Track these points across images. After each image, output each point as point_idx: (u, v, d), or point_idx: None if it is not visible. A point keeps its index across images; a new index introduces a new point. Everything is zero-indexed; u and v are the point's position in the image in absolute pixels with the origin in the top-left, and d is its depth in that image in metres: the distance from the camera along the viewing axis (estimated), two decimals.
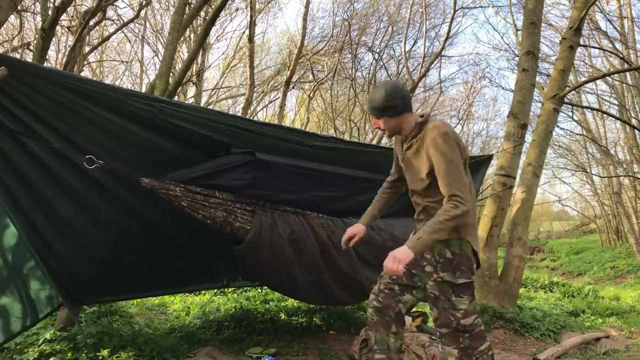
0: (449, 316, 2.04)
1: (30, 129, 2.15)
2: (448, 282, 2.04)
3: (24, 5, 6.94)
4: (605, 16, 11.53)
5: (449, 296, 2.04)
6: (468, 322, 2.03)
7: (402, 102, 2.11)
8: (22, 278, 2.51)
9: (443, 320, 2.06)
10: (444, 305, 2.05)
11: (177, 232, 2.79)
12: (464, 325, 2.02)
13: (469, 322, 2.03)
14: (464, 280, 2.03)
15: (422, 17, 12.42)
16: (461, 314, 2.02)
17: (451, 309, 2.03)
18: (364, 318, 4.54)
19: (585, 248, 19.23)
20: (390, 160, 3.40)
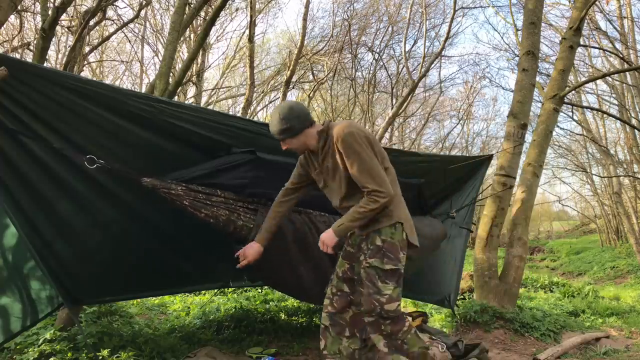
0: (373, 301, 2.09)
1: (30, 129, 2.15)
2: (375, 267, 2.11)
3: (24, 5, 6.94)
4: (605, 16, 11.54)
5: (375, 281, 2.10)
6: (391, 307, 2.09)
7: (298, 121, 2.17)
8: (23, 278, 2.51)
9: (367, 306, 2.12)
10: (369, 290, 2.11)
11: (177, 232, 2.79)
12: (387, 310, 2.08)
13: (392, 307, 2.09)
14: (390, 267, 2.10)
15: (422, 17, 12.42)
16: (385, 299, 2.08)
17: (376, 294, 2.09)
18: None
19: (585, 248, 19.22)
20: (390, 159, 3.41)
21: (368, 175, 2.05)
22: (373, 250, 2.14)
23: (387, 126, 11.14)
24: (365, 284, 2.13)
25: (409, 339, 2.11)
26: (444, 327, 4.50)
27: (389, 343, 2.11)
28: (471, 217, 4.16)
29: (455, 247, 4.14)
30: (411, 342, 2.12)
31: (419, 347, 2.12)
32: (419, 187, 3.50)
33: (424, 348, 2.14)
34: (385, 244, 2.13)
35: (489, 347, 3.56)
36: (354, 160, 2.06)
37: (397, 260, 2.13)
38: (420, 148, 18.91)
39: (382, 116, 17.74)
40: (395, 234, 2.14)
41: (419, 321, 3.56)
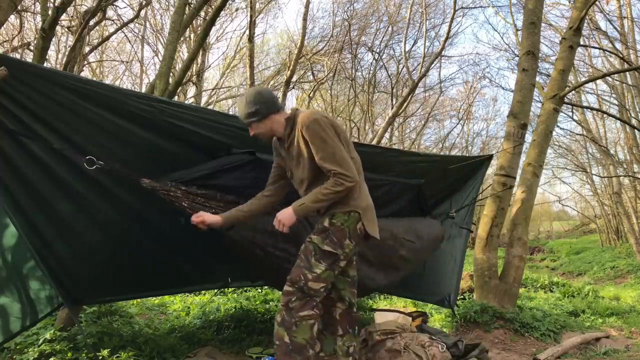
0: (300, 274, 2.10)
1: (30, 129, 2.15)
2: (314, 244, 2.13)
3: (24, 5, 6.93)
4: (605, 16, 11.54)
5: (309, 257, 2.12)
6: (315, 286, 2.09)
7: (264, 106, 2.18)
8: (22, 278, 2.51)
9: (293, 276, 2.12)
10: (301, 263, 2.13)
11: (177, 232, 2.79)
12: (310, 287, 2.08)
13: (315, 287, 2.09)
14: (328, 249, 2.11)
15: (422, 17, 12.42)
16: (312, 277, 2.09)
17: (306, 268, 2.10)
18: (364, 318, 4.54)
19: (585, 248, 19.22)
20: (389, 159, 3.42)
21: (334, 160, 2.07)
22: (319, 229, 2.16)
23: (387, 126, 11.14)
24: (300, 256, 2.15)
25: (302, 326, 2.05)
26: (444, 327, 4.50)
27: (285, 316, 2.08)
28: (471, 217, 4.16)
29: (455, 247, 4.14)
30: (301, 329, 2.05)
31: (303, 339, 2.04)
32: (418, 187, 3.50)
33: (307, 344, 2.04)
34: (333, 227, 2.14)
35: (489, 347, 3.55)
36: (319, 146, 2.08)
37: (339, 245, 2.12)
38: (420, 148, 18.91)
39: (382, 116, 17.74)
40: (347, 221, 2.14)
41: (419, 321, 3.56)
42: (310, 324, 2.07)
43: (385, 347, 2.97)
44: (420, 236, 3.35)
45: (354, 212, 2.16)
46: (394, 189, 3.41)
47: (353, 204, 2.16)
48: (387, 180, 3.34)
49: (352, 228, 2.16)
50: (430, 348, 2.90)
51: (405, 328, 3.17)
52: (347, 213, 2.15)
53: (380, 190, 3.35)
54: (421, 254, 3.43)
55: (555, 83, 5.53)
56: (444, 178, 3.76)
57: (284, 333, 2.06)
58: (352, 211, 2.15)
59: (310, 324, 2.07)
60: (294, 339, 2.04)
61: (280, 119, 2.22)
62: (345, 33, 12.81)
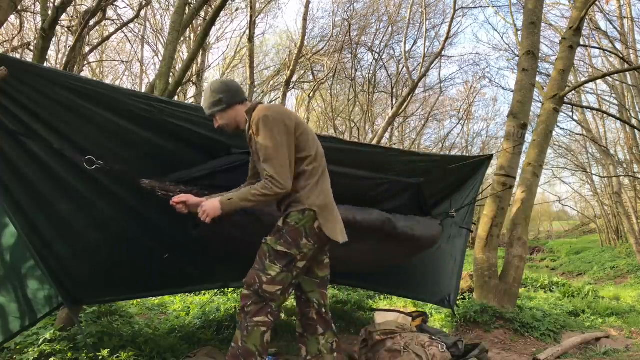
0: (255, 277, 2.06)
1: (30, 129, 2.15)
2: (268, 245, 2.09)
3: (24, 5, 6.94)
4: (605, 16, 11.54)
5: (264, 258, 2.08)
6: (270, 289, 2.04)
7: (228, 95, 2.15)
8: (21, 278, 2.51)
9: (248, 279, 2.08)
10: (256, 265, 2.09)
11: (177, 232, 2.79)
12: (264, 290, 2.03)
13: (271, 290, 2.04)
14: (282, 249, 2.06)
15: (422, 17, 12.42)
16: (267, 279, 2.04)
17: (260, 271, 2.06)
18: (363, 318, 4.55)
19: (585, 248, 19.22)
20: (389, 159, 3.42)
21: (269, 162, 2.02)
22: (275, 230, 2.12)
23: (387, 126, 11.14)
24: (256, 259, 2.11)
25: (253, 332, 2.01)
26: (444, 327, 4.50)
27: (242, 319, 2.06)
28: (471, 217, 4.16)
29: (455, 247, 4.14)
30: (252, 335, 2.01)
31: (252, 345, 2.01)
32: (418, 186, 3.50)
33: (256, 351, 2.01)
34: (287, 226, 2.09)
35: (489, 347, 3.56)
36: (261, 144, 2.04)
37: (294, 245, 2.06)
38: (420, 148, 18.90)
39: (382, 116, 17.75)
40: (302, 220, 2.08)
41: (419, 321, 3.56)
42: (262, 331, 2.03)
43: (385, 347, 2.97)
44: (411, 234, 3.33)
45: (308, 211, 2.09)
46: (394, 187, 3.41)
47: (308, 203, 2.09)
48: (387, 179, 3.34)
49: (308, 227, 2.08)
50: (430, 348, 2.90)
51: (405, 328, 3.17)
52: (301, 212, 2.09)
53: (380, 188, 3.35)
54: (413, 250, 3.41)
55: (555, 83, 5.53)
56: (444, 178, 3.76)
57: (239, 336, 2.04)
58: (306, 209, 2.09)
59: (262, 331, 2.03)
60: (245, 344, 2.01)
61: (243, 110, 2.19)
62: (345, 33, 12.81)
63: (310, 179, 2.14)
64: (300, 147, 2.13)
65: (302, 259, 2.10)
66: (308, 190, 2.12)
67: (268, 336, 2.06)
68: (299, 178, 2.12)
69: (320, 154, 2.23)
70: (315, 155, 2.18)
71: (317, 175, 2.17)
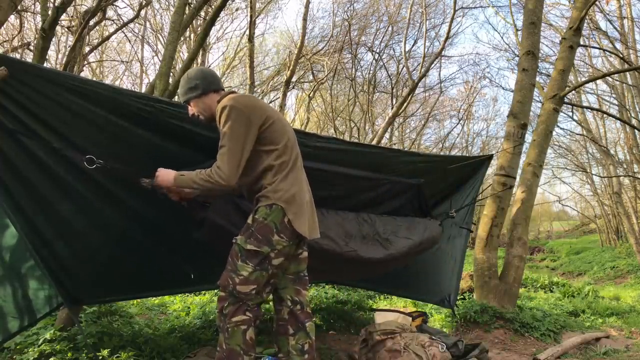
0: (228, 278, 2.04)
1: (30, 129, 2.15)
2: (238, 245, 2.05)
3: (24, 5, 6.94)
4: (605, 16, 11.54)
5: (235, 259, 2.05)
6: (244, 290, 2.01)
7: (203, 82, 2.14)
8: (20, 278, 2.51)
9: (222, 281, 2.06)
10: (228, 266, 2.06)
11: (177, 232, 2.79)
12: (238, 291, 2.01)
13: (245, 290, 2.01)
14: (252, 247, 2.02)
15: (422, 17, 12.42)
16: (240, 280, 2.01)
17: (232, 272, 2.03)
18: (363, 318, 4.55)
19: (585, 248, 19.22)
20: (390, 159, 3.42)
21: (222, 152, 2.00)
22: (244, 228, 2.08)
23: (387, 126, 11.13)
24: (228, 260, 2.08)
25: (234, 332, 2.00)
26: (444, 327, 4.51)
27: (221, 322, 2.04)
28: (471, 217, 4.16)
29: (455, 247, 4.14)
30: (233, 336, 2.00)
31: (236, 345, 1.99)
32: (418, 186, 3.50)
33: (241, 350, 1.99)
34: (255, 223, 2.04)
35: (489, 347, 3.56)
36: (221, 134, 2.02)
37: (264, 242, 2.01)
38: (420, 148, 18.90)
39: (382, 116, 17.74)
40: (270, 215, 2.03)
41: (419, 321, 3.56)
42: (242, 329, 2.01)
43: (385, 347, 2.97)
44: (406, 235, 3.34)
45: (275, 206, 2.03)
46: (394, 188, 3.41)
47: (275, 197, 2.04)
48: (387, 179, 3.34)
49: (278, 222, 2.03)
50: (430, 348, 2.90)
51: (405, 328, 3.17)
52: (268, 206, 2.04)
53: (380, 189, 3.35)
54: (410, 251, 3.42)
55: (555, 83, 5.53)
56: (444, 178, 3.76)
57: (222, 339, 2.03)
58: (273, 204, 2.03)
59: (243, 330, 2.01)
60: (228, 345, 2.00)
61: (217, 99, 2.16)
62: (345, 33, 12.81)
63: (278, 173, 2.08)
64: (267, 139, 2.08)
65: (277, 256, 2.05)
66: (275, 185, 2.06)
67: (251, 333, 2.04)
68: (267, 172, 2.09)
69: (290, 147, 2.16)
70: (283, 148, 2.12)
71: (285, 169, 2.11)
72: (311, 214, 2.21)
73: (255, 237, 2.03)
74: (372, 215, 3.27)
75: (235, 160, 2.00)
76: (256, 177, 2.11)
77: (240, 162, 2.02)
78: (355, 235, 3.06)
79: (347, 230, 3.03)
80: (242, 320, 2.02)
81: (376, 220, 3.26)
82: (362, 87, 15.14)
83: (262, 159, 2.09)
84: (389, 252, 3.16)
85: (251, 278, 2.01)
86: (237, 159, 2.01)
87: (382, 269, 3.52)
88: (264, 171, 2.09)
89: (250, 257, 2.02)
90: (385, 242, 3.18)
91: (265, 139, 2.08)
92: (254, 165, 2.10)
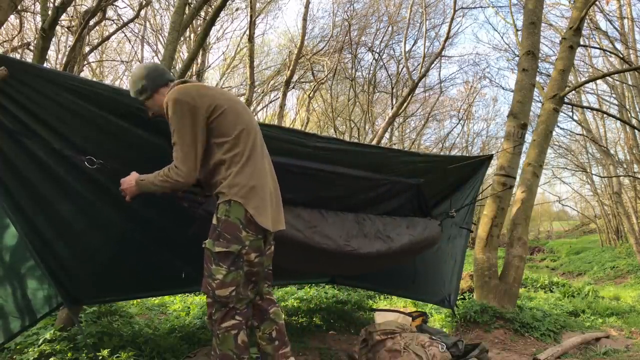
0: (206, 284, 2.00)
1: (30, 129, 2.15)
2: (208, 249, 1.99)
3: (24, 5, 6.94)
4: (605, 16, 11.53)
5: (209, 264, 1.99)
6: (223, 293, 1.95)
7: (150, 80, 2.07)
8: (20, 278, 2.51)
9: (203, 287, 2.02)
10: (205, 272, 2.01)
11: (177, 232, 2.78)
12: (218, 295, 1.96)
13: (224, 293, 1.95)
14: (221, 249, 1.94)
15: (422, 17, 12.43)
16: (216, 284, 1.96)
17: (209, 277, 1.98)
18: (363, 318, 4.55)
19: (585, 248, 19.22)
20: (389, 159, 3.42)
21: (175, 149, 1.95)
22: (211, 230, 2.01)
23: (387, 126, 11.14)
24: (203, 265, 2.03)
25: (224, 337, 1.98)
26: (444, 327, 4.50)
27: (212, 327, 2.03)
28: (471, 217, 4.16)
29: (455, 247, 4.14)
30: (224, 341, 1.98)
31: (228, 349, 1.97)
32: (418, 187, 3.50)
33: (234, 354, 1.97)
34: (220, 222, 1.97)
35: (489, 347, 3.55)
36: (172, 130, 1.95)
37: (232, 241, 1.95)
38: (420, 148, 18.90)
39: (382, 116, 17.74)
40: (230, 211, 1.95)
41: (419, 321, 3.56)
42: (232, 334, 1.98)
43: (385, 347, 2.97)
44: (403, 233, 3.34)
45: (233, 202, 1.95)
46: (394, 188, 3.41)
47: (231, 193, 1.95)
48: (388, 179, 3.34)
49: (242, 217, 1.95)
50: (430, 348, 2.90)
51: (405, 328, 3.17)
52: (226, 203, 1.96)
53: (380, 189, 3.35)
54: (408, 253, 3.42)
55: (555, 83, 5.53)
56: (444, 178, 3.76)
57: (215, 344, 2.01)
58: (230, 200, 1.95)
59: (233, 334, 1.98)
60: (221, 351, 1.98)
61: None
62: (345, 33, 12.82)
63: (232, 167, 1.98)
64: (217, 131, 1.99)
65: (248, 252, 1.98)
66: (230, 179, 1.97)
67: (242, 336, 2.00)
68: (219, 167, 2.01)
69: (245, 137, 2.03)
70: (235, 139, 2.00)
71: (239, 162, 1.99)
72: (276, 205, 2.13)
73: (223, 237, 1.96)
74: (372, 216, 3.27)
75: (189, 155, 1.94)
76: (210, 172, 2.04)
77: (196, 156, 1.96)
78: (357, 235, 3.06)
79: (348, 230, 3.04)
80: (232, 325, 1.98)
81: (376, 220, 3.26)
82: (362, 87, 15.15)
83: (214, 153, 2.01)
84: (390, 246, 3.16)
85: (227, 280, 1.95)
86: (192, 154, 1.94)
87: (382, 264, 3.52)
88: (216, 165, 2.01)
89: (221, 259, 1.96)
90: (387, 238, 3.18)
91: (216, 130, 1.99)
92: (207, 159, 2.02)
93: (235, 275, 1.98)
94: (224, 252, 1.95)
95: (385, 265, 3.62)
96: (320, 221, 2.95)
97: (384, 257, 3.20)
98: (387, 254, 3.18)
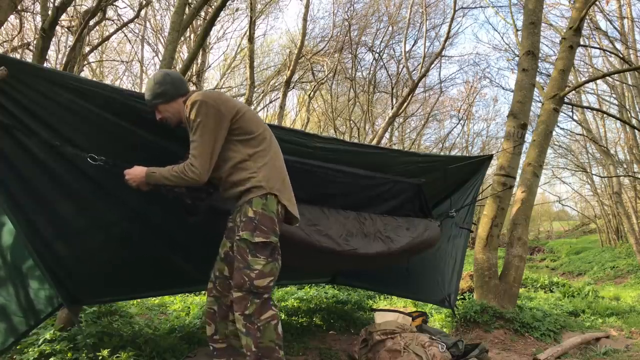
0: (243, 276, 2.01)
1: (30, 129, 2.15)
2: (245, 240, 2.03)
3: (24, 5, 6.93)
4: (605, 16, 11.53)
5: (245, 255, 2.03)
6: (261, 284, 2.01)
7: (172, 87, 2.13)
8: (22, 277, 2.51)
9: (237, 281, 2.04)
10: (240, 264, 2.04)
11: (177, 232, 2.79)
12: (257, 286, 2.00)
13: (262, 284, 2.01)
14: (261, 240, 2.02)
15: (422, 17, 12.43)
16: (255, 274, 2.00)
17: (246, 268, 2.01)
18: (363, 318, 4.55)
19: (585, 248, 19.21)
20: (390, 159, 3.42)
21: (194, 148, 2.02)
22: (245, 222, 2.05)
23: (387, 126, 11.13)
24: (237, 258, 2.06)
25: (266, 328, 2.00)
26: (444, 327, 4.50)
27: (247, 324, 2.02)
28: (471, 217, 4.16)
29: (455, 247, 4.14)
30: (266, 333, 2.00)
31: (270, 341, 2.00)
32: (419, 187, 3.50)
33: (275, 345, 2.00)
34: (257, 215, 2.03)
35: (489, 347, 3.55)
36: (193, 130, 2.02)
37: (270, 232, 2.04)
38: (420, 148, 18.90)
39: (382, 116, 17.73)
40: (267, 204, 2.05)
41: (419, 321, 3.56)
42: (273, 324, 2.02)
43: (385, 347, 2.98)
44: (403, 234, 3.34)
45: (270, 195, 2.06)
46: (395, 187, 3.42)
47: (269, 186, 2.06)
48: (388, 179, 3.35)
49: (275, 211, 2.07)
50: (430, 348, 2.90)
51: (405, 328, 3.17)
52: (263, 196, 2.05)
53: (381, 188, 3.36)
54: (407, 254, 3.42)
55: (555, 83, 5.53)
56: (444, 178, 3.76)
57: (250, 342, 2.00)
58: (267, 194, 2.06)
59: (274, 325, 2.02)
60: (261, 344, 1.99)
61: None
62: (346, 33, 12.81)
63: (261, 161, 2.10)
64: (241, 129, 2.09)
65: (279, 245, 2.09)
66: (266, 173, 2.08)
67: (279, 327, 2.06)
68: (244, 164, 2.08)
69: (268, 134, 2.19)
70: (261, 136, 2.14)
71: (266, 156, 2.12)
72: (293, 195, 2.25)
73: (261, 230, 2.03)
74: (373, 215, 3.27)
75: (207, 154, 2.02)
76: (232, 170, 2.10)
77: (212, 156, 2.04)
78: (357, 234, 3.06)
79: (348, 229, 3.04)
80: (271, 316, 2.02)
81: (377, 219, 3.26)
82: (362, 87, 15.14)
83: (239, 150, 2.09)
84: (389, 247, 3.17)
85: (266, 270, 2.02)
86: (209, 154, 2.02)
87: (381, 263, 3.52)
88: (241, 162, 2.09)
89: (260, 250, 2.02)
90: (387, 239, 3.18)
91: (240, 129, 2.09)
92: (229, 158, 2.10)
93: (273, 266, 2.06)
94: (262, 243, 2.02)
95: (383, 264, 3.62)
96: (322, 219, 2.96)
97: (383, 257, 3.20)
98: (386, 255, 3.18)
